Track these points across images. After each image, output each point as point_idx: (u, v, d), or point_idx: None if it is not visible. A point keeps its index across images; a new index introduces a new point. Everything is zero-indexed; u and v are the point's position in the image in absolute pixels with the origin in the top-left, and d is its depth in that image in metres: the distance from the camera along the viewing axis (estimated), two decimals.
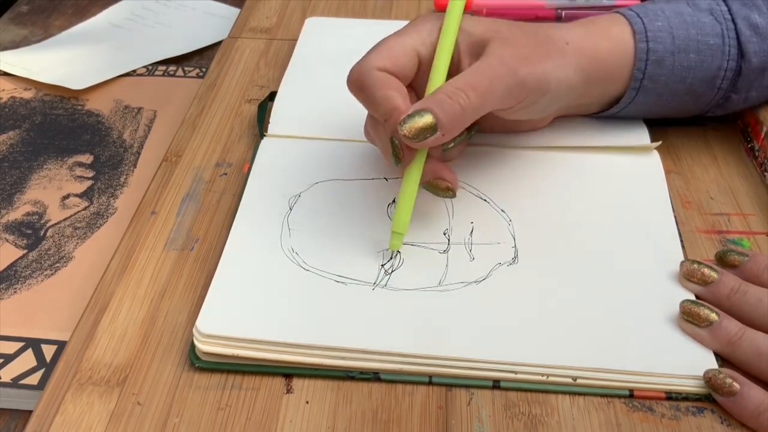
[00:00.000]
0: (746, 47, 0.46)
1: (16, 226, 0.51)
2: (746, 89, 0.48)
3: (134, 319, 0.41)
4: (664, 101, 0.48)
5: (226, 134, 0.54)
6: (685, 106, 0.49)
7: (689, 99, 0.48)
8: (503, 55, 0.42)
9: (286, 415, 0.37)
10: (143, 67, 0.67)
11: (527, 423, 0.36)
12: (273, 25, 0.67)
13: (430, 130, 0.40)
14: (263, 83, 0.60)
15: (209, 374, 0.38)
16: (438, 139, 0.40)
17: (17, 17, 0.75)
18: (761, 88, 0.48)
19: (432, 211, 0.46)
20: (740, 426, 0.36)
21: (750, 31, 0.46)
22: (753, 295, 0.39)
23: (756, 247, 0.44)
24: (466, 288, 0.41)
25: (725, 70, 0.46)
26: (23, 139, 0.59)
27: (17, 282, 0.47)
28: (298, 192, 0.47)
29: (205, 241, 0.46)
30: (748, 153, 0.51)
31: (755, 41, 0.46)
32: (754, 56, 0.46)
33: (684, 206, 0.47)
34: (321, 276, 0.42)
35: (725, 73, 0.47)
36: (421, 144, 0.40)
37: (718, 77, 0.47)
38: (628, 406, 0.37)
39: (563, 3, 0.67)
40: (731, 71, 0.47)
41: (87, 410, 0.37)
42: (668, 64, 0.46)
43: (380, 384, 0.38)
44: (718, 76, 0.47)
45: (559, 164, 0.49)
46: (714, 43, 0.46)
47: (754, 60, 0.46)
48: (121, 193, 0.54)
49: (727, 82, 0.47)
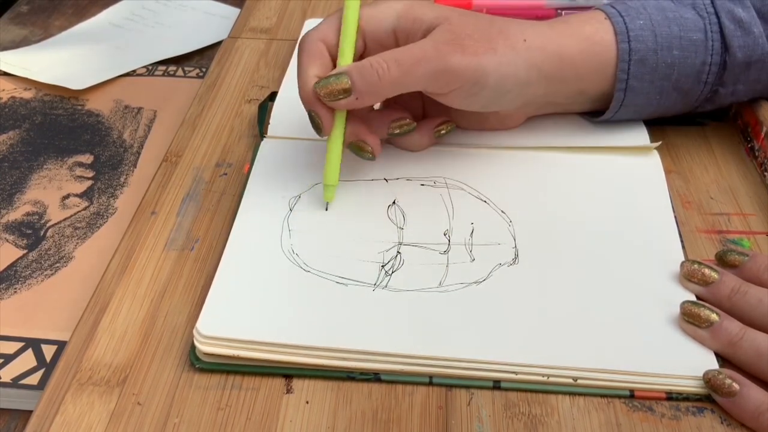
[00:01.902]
0: (730, 41, 0.46)
1: (16, 226, 0.51)
2: (733, 83, 0.47)
3: (134, 319, 0.41)
4: (653, 100, 0.48)
5: (226, 134, 0.54)
6: (675, 102, 0.49)
7: (677, 95, 0.48)
8: (439, 40, 0.43)
9: (286, 415, 0.37)
10: (143, 67, 0.67)
11: (527, 423, 0.36)
12: (273, 25, 0.67)
13: (343, 92, 0.42)
14: (263, 83, 0.60)
15: (209, 374, 0.38)
16: (352, 103, 0.43)
17: (17, 17, 0.75)
18: (748, 82, 0.48)
19: (432, 212, 0.46)
20: (740, 426, 0.36)
21: (734, 25, 0.46)
22: (753, 296, 0.39)
23: (756, 247, 0.44)
24: (466, 289, 0.41)
25: (710, 64, 0.46)
26: (23, 139, 0.59)
27: (17, 282, 0.47)
28: (298, 193, 0.47)
29: (205, 242, 0.46)
30: (748, 153, 0.51)
31: (739, 35, 0.46)
32: (739, 50, 0.46)
33: (684, 206, 0.47)
34: (321, 277, 0.42)
35: (710, 67, 0.47)
36: (335, 104, 0.43)
37: (704, 72, 0.47)
38: (628, 406, 0.37)
39: (563, 3, 0.67)
40: (716, 65, 0.46)
41: (87, 410, 0.37)
42: (651, 62, 0.46)
43: (380, 384, 0.38)
44: (703, 71, 0.47)
45: (559, 165, 0.49)
46: (697, 38, 0.46)
47: (738, 54, 0.46)
48: (121, 193, 0.54)
49: (712, 76, 0.47)
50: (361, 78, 0.42)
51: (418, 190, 0.47)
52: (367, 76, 0.42)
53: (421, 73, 0.42)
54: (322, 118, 0.44)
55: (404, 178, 0.48)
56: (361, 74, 0.42)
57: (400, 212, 0.46)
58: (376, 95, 0.43)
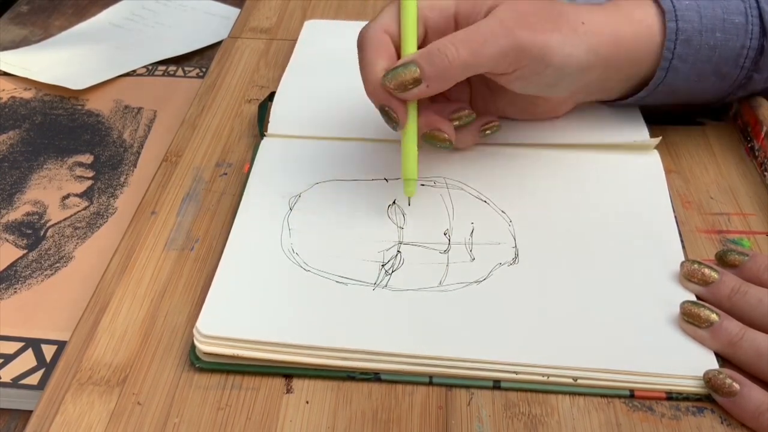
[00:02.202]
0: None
1: (16, 226, 0.51)
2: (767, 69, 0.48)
3: (134, 319, 0.41)
4: (692, 83, 0.48)
5: (226, 134, 0.54)
6: (711, 86, 0.48)
7: (715, 79, 0.48)
8: (505, 17, 0.42)
9: (286, 415, 0.37)
10: (143, 67, 0.67)
11: (527, 423, 0.36)
12: (273, 25, 0.67)
13: (413, 82, 0.41)
14: (263, 83, 0.60)
15: (209, 374, 0.38)
16: (423, 91, 0.42)
17: (17, 17, 0.75)
18: None
19: (432, 212, 0.46)
20: (740, 426, 0.36)
21: None
22: (753, 296, 0.39)
23: (756, 247, 0.44)
24: (466, 288, 0.41)
25: (748, 48, 0.46)
26: (23, 139, 0.59)
27: (17, 282, 0.47)
28: (298, 192, 0.47)
29: (205, 241, 0.46)
30: (748, 153, 0.51)
31: None
32: None
33: (684, 206, 0.47)
34: (321, 276, 0.42)
35: (748, 51, 0.47)
36: (406, 95, 0.42)
37: (742, 56, 0.47)
38: (628, 406, 0.37)
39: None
40: (753, 50, 0.47)
41: (87, 410, 0.37)
42: (696, 43, 0.46)
43: (380, 384, 0.38)
44: (741, 55, 0.47)
45: (559, 164, 0.49)
46: (738, 21, 0.46)
47: None
48: (121, 193, 0.54)
49: (749, 61, 0.47)
50: (430, 64, 0.41)
51: (418, 190, 0.47)
52: (437, 62, 0.41)
53: (491, 51, 0.41)
54: (396, 110, 0.42)
55: None
56: (430, 60, 0.41)
57: (400, 212, 0.46)
58: (447, 80, 0.42)
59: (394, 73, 0.41)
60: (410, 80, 0.41)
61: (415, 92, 0.42)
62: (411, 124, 0.43)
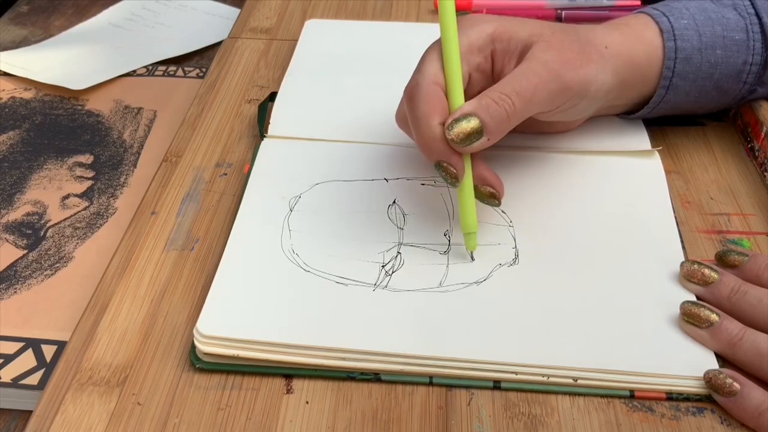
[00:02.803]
0: None
1: (16, 226, 0.51)
2: None
3: (134, 319, 0.41)
4: (692, 98, 0.48)
5: (226, 134, 0.54)
6: (712, 101, 0.49)
7: (716, 94, 0.49)
8: (548, 59, 0.42)
9: (286, 415, 0.37)
10: (143, 67, 0.67)
11: (527, 423, 0.36)
12: (273, 25, 0.67)
13: (477, 134, 0.40)
14: (263, 83, 0.60)
15: (209, 374, 0.38)
16: (483, 144, 0.41)
17: (17, 17, 0.75)
18: None
19: (432, 212, 0.46)
20: (740, 426, 0.36)
21: None
22: (753, 296, 0.39)
23: (756, 247, 0.44)
24: (466, 289, 0.41)
25: (750, 64, 0.47)
26: (23, 139, 0.59)
27: (17, 282, 0.47)
28: (298, 193, 0.47)
29: (205, 242, 0.46)
30: (748, 153, 0.51)
31: None
32: None
33: (684, 206, 0.47)
34: (321, 277, 0.42)
35: (750, 67, 0.47)
36: (467, 148, 0.40)
37: (744, 71, 0.47)
38: (628, 406, 0.37)
39: (563, 3, 0.68)
40: (756, 65, 0.47)
41: (87, 410, 0.37)
42: (696, 61, 0.47)
43: (380, 384, 0.38)
44: (743, 70, 0.47)
45: (559, 165, 0.49)
46: (739, 38, 0.47)
47: None
48: (121, 193, 0.54)
49: (752, 76, 0.48)
50: (490, 117, 0.40)
51: (418, 190, 0.47)
52: (495, 115, 0.40)
53: (542, 97, 0.41)
54: (455, 165, 0.41)
55: (404, 178, 0.48)
56: (489, 113, 0.40)
57: (400, 212, 0.46)
58: (504, 132, 0.41)
59: (459, 125, 0.40)
60: (474, 132, 0.40)
61: (476, 145, 0.40)
62: (468, 177, 0.42)
